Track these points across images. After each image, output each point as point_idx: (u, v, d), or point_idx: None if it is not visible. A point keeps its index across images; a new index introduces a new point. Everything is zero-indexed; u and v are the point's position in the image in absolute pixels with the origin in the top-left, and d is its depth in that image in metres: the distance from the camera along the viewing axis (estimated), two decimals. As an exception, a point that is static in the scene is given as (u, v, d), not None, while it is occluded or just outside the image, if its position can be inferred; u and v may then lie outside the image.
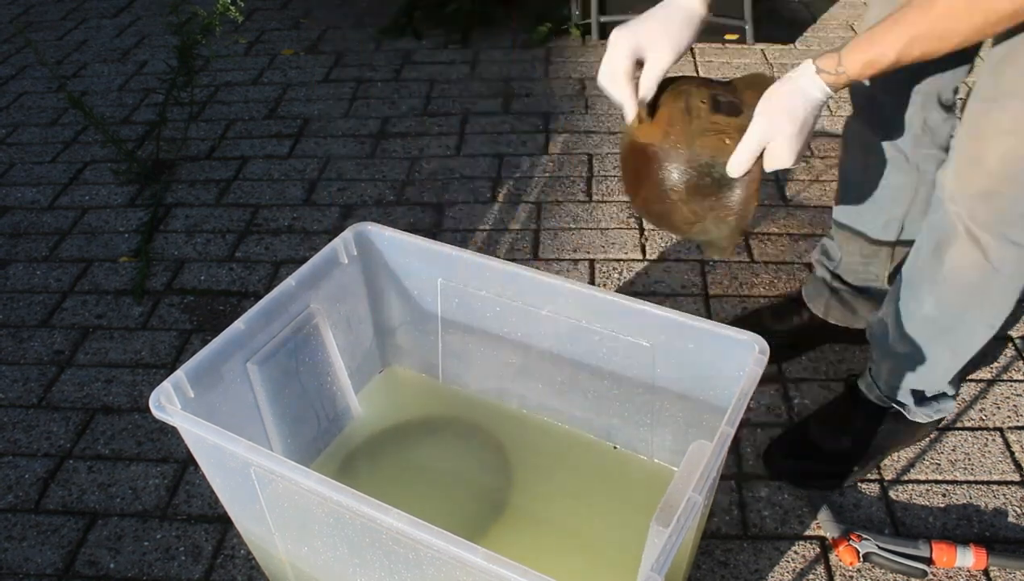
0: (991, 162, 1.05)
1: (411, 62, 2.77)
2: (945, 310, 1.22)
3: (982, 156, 1.06)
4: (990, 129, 1.05)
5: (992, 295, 1.17)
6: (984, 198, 1.08)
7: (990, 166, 1.06)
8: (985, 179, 1.07)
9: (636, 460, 1.29)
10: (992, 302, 1.19)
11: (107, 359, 1.68)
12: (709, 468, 0.89)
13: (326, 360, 1.29)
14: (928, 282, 1.21)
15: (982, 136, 1.06)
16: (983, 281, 1.15)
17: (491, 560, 0.80)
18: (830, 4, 2.99)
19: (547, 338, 1.25)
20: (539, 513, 1.24)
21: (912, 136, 1.30)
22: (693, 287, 1.79)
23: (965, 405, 1.50)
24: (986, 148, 1.05)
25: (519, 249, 1.92)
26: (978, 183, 1.08)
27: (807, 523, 1.32)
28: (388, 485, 1.28)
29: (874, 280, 1.49)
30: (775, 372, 1.58)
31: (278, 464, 0.92)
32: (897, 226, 1.40)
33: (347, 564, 1.03)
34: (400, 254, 1.30)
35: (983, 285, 1.16)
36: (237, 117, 2.50)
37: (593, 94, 2.52)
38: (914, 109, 1.27)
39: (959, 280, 1.17)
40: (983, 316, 1.21)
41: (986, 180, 1.07)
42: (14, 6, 3.37)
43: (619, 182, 2.11)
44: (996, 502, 1.34)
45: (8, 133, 2.48)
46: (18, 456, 1.49)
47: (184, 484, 1.43)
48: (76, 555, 1.32)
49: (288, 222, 2.05)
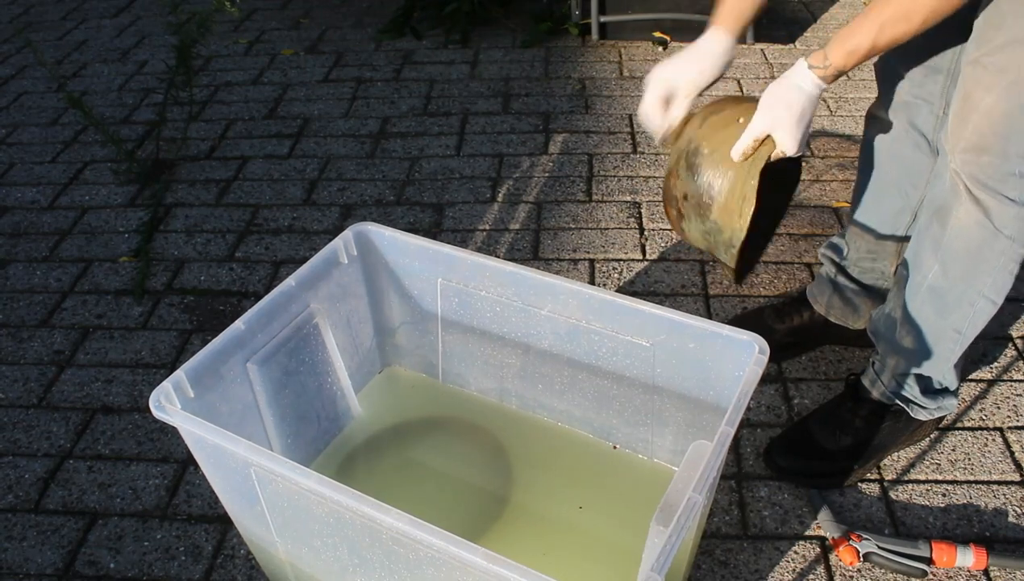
0: (976, 119, 1.12)
1: (411, 62, 2.77)
2: (950, 278, 1.23)
3: (968, 114, 1.13)
4: (974, 88, 1.12)
5: (993, 260, 1.20)
6: (974, 153, 1.13)
7: (976, 123, 1.12)
8: (973, 135, 1.13)
9: (636, 460, 1.29)
10: (993, 269, 1.21)
11: (107, 359, 1.68)
12: (709, 468, 0.89)
13: (326, 360, 1.29)
14: (931, 249, 1.23)
15: (968, 95, 1.13)
16: (985, 243, 1.18)
17: (491, 560, 0.80)
18: (830, 4, 2.99)
19: (547, 338, 1.25)
20: (539, 513, 1.24)
21: (933, 118, 1.32)
22: (693, 287, 1.79)
23: (965, 405, 1.50)
24: (972, 106, 1.12)
25: (519, 249, 1.92)
26: (967, 139, 1.14)
27: (807, 523, 1.32)
28: (388, 485, 1.28)
29: (879, 277, 1.50)
30: (775, 372, 1.58)
31: (278, 464, 0.92)
32: (910, 215, 1.42)
33: (347, 564, 1.03)
34: (400, 254, 1.30)
35: (986, 247, 1.18)
36: (237, 117, 2.50)
37: (593, 94, 2.52)
38: (937, 92, 1.30)
39: (963, 242, 1.20)
40: (985, 288, 1.22)
41: (974, 136, 1.13)
42: (14, 6, 3.37)
43: (619, 182, 2.11)
44: (996, 502, 1.34)
45: (8, 133, 2.48)
46: (18, 456, 1.49)
47: (184, 484, 1.43)
48: (76, 555, 1.32)
49: (288, 222, 2.05)
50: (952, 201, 1.18)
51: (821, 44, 2.70)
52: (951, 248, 1.21)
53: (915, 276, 1.28)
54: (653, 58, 2.70)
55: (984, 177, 1.14)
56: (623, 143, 2.27)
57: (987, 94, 1.10)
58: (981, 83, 1.11)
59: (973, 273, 1.22)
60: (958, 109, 1.15)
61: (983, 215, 1.16)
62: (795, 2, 3.01)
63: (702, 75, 1.20)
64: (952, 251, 1.21)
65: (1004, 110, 1.09)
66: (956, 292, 1.24)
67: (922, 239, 1.26)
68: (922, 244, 1.26)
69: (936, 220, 1.22)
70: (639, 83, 2.55)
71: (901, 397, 1.36)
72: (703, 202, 1.16)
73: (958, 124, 1.15)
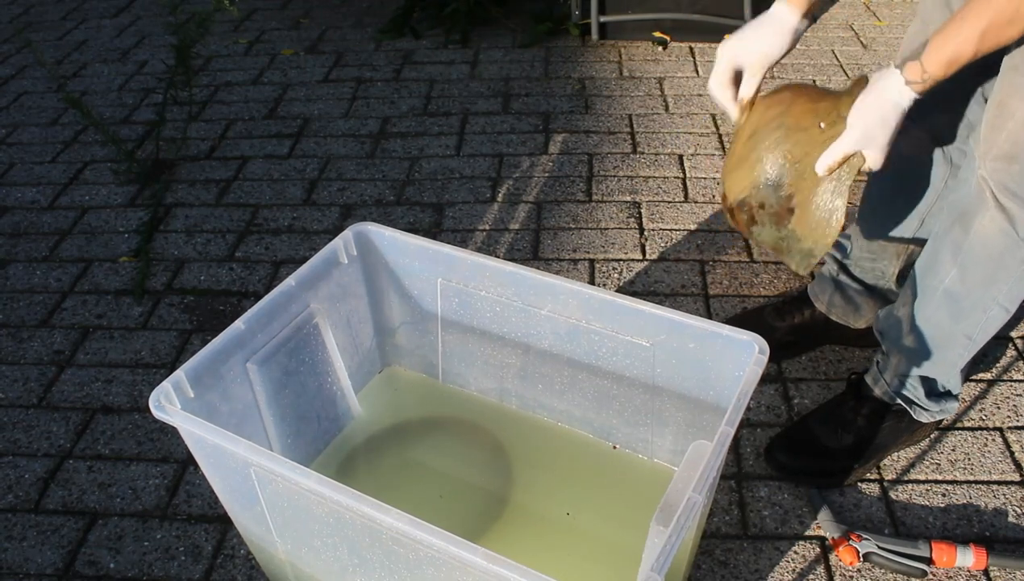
0: (1011, 126, 1.09)
1: (411, 62, 2.77)
2: (967, 284, 1.22)
3: (1003, 121, 1.10)
4: (1010, 95, 1.09)
5: (1013, 268, 1.19)
6: (1006, 161, 1.11)
7: (1011, 130, 1.10)
8: (1006, 143, 1.11)
9: (636, 460, 1.29)
10: (1011, 277, 1.20)
11: (107, 359, 1.68)
12: (709, 468, 0.89)
13: (326, 360, 1.29)
14: (951, 253, 1.22)
15: (1004, 101, 1.10)
16: (1008, 251, 1.17)
17: (491, 560, 0.80)
18: (830, 4, 2.99)
19: (547, 338, 1.25)
20: (539, 513, 1.24)
21: (952, 125, 1.31)
22: (693, 287, 1.79)
23: (965, 405, 1.50)
24: (1008, 113, 1.10)
25: (519, 249, 1.92)
26: (1000, 146, 1.11)
27: (807, 523, 1.32)
28: (388, 485, 1.28)
29: (880, 277, 1.50)
30: (775, 372, 1.58)
31: (278, 464, 0.92)
32: (918, 221, 1.41)
33: (347, 564, 1.03)
34: (400, 254, 1.30)
35: (1007, 256, 1.17)
36: (237, 117, 2.50)
37: (593, 94, 2.52)
38: (957, 98, 1.29)
39: (984, 249, 1.19)
40: (1000, 295, 1.22)
41: (1007, 145, 1.10)
42: (14, 6, 3.37)
43: (619, 182, 2.11)
44: (996, 502, 1.34)
45: (8, 133, 2.48)
46: (18, 456, 1.49)
47: (184, 484, 1.43)
48: (76, 555, 1.32)
49: (288, 222, 2.05)
50: (977, 207, 1.17)
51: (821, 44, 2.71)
52: (972, 253, 1.20)
53: (931, 279, 1.26)
54: (653, 58, 2.70)
55: (1014, 185, 1.12)
56: (623, 143, 2.27)
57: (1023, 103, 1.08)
58: (1019, 91, 1.08)
59: (991, 280, 1.21)
60: (992, 116, 1.13)
61: (1008, 223, 1.14)
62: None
63: (772, 49, 1.16)
64: (973, 256, 1.20)
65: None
66: (972, 298, 1.23)
67: (941, 243, 1.24)
68: (941, 248, 1.24)
69: (959, 225, 1.21)
70: (639, 83, 2.56)
71: (904, 397, 1.36)
72: (783, 212, 1.16)
73: (991, 131, 1.13)
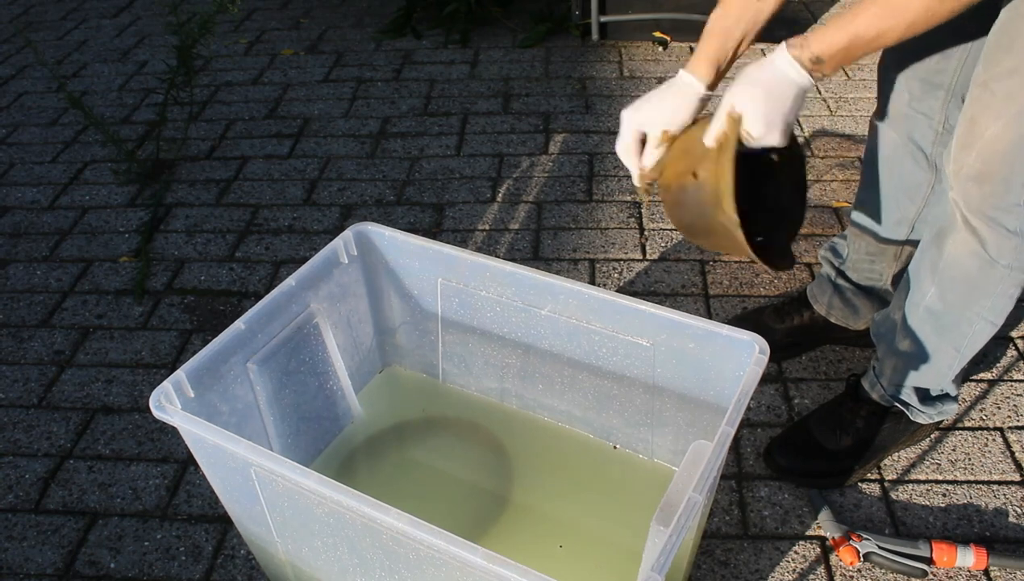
0: (981, 145, 1.08)
1: (411, 62, 2.77)
2: (947, 302, 1.22)
3: (973, 140, 1.09)
4: (980, 113, 1.08)
5: (991, 287, 1.18)
6: (976, 182, 1.11)
7: (980, 149, 1.09)
8: (977, 163, 1.09)
9: (636, 460, 1.29)
10: (991, 295, 1.19)
11: (107, 359, 1.68)
12: (709, 468, 0.89)
13: (326, 360, 1.29)
14: (929, 271, 1.22)
15: (974, 120, 1.09)
16: (981, 272, 1.16)
17: (491, 560, 0.80)
18: (830, 4, 2.99)
19: (547, 338, 1.25)
20: (539, 513, 1.24)
21: (933, 133, 1.31)
22: (693, 287, 1.79)
23: (965, 405, 1.50)
24: (977, 132, 1.09)
25: (519, 249, 1.92)
26: (970, 166, 1.10)
27: (807, 523, 1.32)
28: (388, 485, 1.28)
29: (878, 279, 1.50)
30: (775, 372, 1.58)
31: (278, 464, 0.92)
32: (908, 226, 1.41)
33: (347, 564, 1.03)
34: (400, 254, 1.30)
35: (982, 276, 1.17)
36: (237, 117, 2.50)
37: (593, 94, 2.52)
38: (936, 107, 1.28)
39: (958, 270, 1.18)
40: (984, 311, 1.21)
41: (978, 164, 1.09)
42: (14, 6, 3.37)
43: (619, 181, 2.11)
44: (996, 502, 1.34)
45: (8, 133, 2.48)
46: (18, 456, 1.49)
47: (184, 484, 1.43)
48: (76, 555, 1.32)
49: (288, 222, 2.05)
50: (949, 227, 1.17)
51: (821, 44, 2.70)
52: (947, 275, 1.20)
53: (914, 294, 1.26)
54: (653, 58, 2.70)
55: (985, 207, 1.11)
56: (623, 143, 2.27)
57: (994, 122, 1.06)
58: (989, 109, 1.07)
59: (970, 298, 1.20)
60: (962, 134, 1.11)
61: (979, 245, 1.14)
62: (795, 2, 3.01)
63: (676, 117, 1.12)
64: (948, 278, 1.20)
65: (1010, 140, 1.06)
66: (953, 315, 1.23)
67: (923, 258, 1.24)
68: (922, 264, 1.24)
69: (935, 244, 1.21)
70: (639, 83, 2.56)
71: (900, 401, 1.36)
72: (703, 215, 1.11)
73: (961, 150, 1.11)
